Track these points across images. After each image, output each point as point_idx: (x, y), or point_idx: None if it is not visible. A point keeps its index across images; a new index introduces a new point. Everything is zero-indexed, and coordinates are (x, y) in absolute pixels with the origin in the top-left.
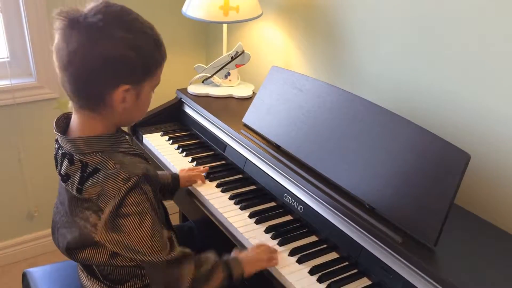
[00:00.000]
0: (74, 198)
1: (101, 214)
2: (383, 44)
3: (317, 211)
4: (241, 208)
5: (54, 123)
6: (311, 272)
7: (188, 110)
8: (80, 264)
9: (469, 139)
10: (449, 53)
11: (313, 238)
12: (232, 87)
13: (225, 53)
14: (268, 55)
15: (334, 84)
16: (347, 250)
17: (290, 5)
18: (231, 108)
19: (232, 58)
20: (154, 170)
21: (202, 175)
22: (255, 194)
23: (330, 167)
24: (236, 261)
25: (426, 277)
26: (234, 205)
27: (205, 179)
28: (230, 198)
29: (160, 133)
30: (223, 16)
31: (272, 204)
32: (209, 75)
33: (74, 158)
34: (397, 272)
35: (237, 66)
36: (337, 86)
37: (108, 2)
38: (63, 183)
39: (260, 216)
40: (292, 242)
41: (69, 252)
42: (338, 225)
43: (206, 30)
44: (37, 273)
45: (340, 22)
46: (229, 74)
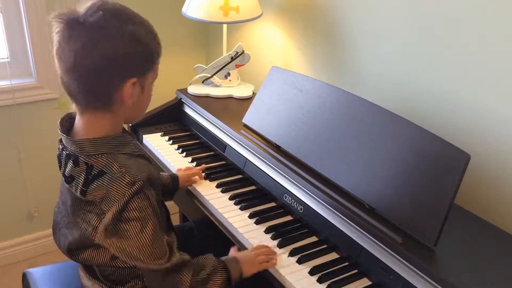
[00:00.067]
0: (77, 200)
1: (103, 218)
2: (383, 44)
3: (317, 212)
4: (241, 209)
5: (59, 123)
6: (311, 273)
7: (188, 111)
8: (81, 265)
9: (469, 139)
10: (449, 53)
11: (313, 239)
12: (232, 88)
13: (225, 54)
14: (268, 56)
15: (334, 84)
16: (347, 251)
17: (290, 5)
18: (231, 109)
19: (232, 59)
20: (157, 172)
21: (200, 172)
22: (255, 195)
23: (330, 168)
24: (235, 261)
25: (426, 277)
26: (234, 206)
27: (205, 180)
28: (230, 199)
29: (160, 133)
30: (223, 17)
31: (272, 205)
32: (209, 76)
33: (79, 160)
34: (397, 272)
35: (237, 67)
36: (337, 87)
37: (104, 0)
38: (67, 184)
39: (260, 217)
40: (292, 243)
41: (70, 253)
42: (338, 226)
43: (206, 30)
44: (37, 274)
45: (340, 22)
46: (229, 75)
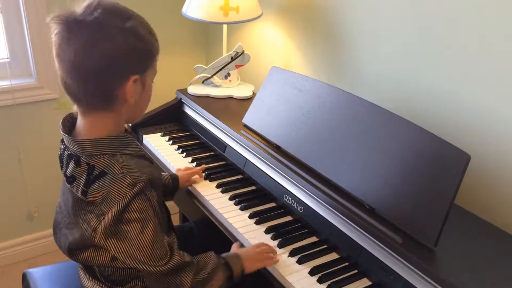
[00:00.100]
0: (78, 200)
1: (102, 219)
2: (383, 44)
3: (317, 212)
4: (241, 209)
5: (60, 123)
6: (311, 273)
7: (188, 111)
8: (81, 265)
9: (469, 139)
10: (449, 53)
11: (313, 239)
12: (232, 88)
13: (225, 54)
14: (268, 56)
15: (334, 85)
16: (347, 251)
17: (290, 6)
18: (231, 109)
19: (232, 59)
20: (158, 172)
21: (200, 171)
22: (255, 195)
23: (330, 168)
24: (236, 258)
25: (426, 277)
26: (234, 206)
27: (205, 180)
28: (230, 199)
29: (160, 134)
30: (223, 17)
31: (272, 205)
32: (209, 76)
33: (81, 160)
34: (397, 273)
35: (237, 67)
36: (337, 87)
37: None
38: (68, 185)
39: (260, 217)
40: (292, 243)
41: (71, 253)
42: (338, 226)
43: (206, 31)
44: (37, 274)
45: (340, 22)
46: (229, 75)
